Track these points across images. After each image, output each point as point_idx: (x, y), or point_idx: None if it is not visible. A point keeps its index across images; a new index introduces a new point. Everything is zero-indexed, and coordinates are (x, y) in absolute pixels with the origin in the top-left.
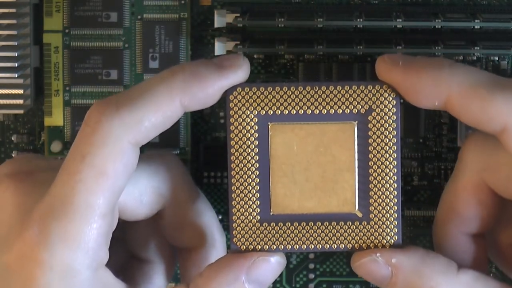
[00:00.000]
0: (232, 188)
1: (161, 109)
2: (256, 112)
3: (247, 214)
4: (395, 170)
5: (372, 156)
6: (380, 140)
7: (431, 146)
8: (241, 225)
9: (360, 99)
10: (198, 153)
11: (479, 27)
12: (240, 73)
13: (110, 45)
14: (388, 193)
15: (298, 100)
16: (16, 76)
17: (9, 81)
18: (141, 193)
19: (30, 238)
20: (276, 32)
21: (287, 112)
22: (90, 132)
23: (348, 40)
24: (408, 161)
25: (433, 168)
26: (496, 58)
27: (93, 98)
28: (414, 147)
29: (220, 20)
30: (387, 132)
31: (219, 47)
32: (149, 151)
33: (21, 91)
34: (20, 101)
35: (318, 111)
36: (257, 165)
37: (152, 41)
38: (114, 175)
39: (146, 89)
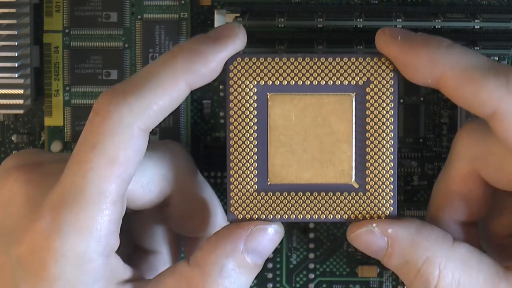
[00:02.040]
0: (230, 157)
1: (167, 92)
2: (256, 82)
3: (245, 183)
4: (392, 142)
5: (369, 127)
6: (377, 112)
7: (431, 146)
8: (238, 194)
9: (358, 71)
10: (198, 153)
11: (479, 27)
12: (238, 41)
13: (110, 45)
14: (384, 164)
15: (298, 71)
16: (16, 76)
17: (9, 81)
18: (149, 181)
19: (42, 228)
20: (276, 32)
21: (286, 82)
22: (99, 121)
23: (348, 40)
24: (408, 161)
25: (433, 168)
26: (496, 58)
27: (93, 98)
28: (414, 147)
29: (220, 20)
30: (385, 104)
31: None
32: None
33: (21, 91)
34: (20, 101)
35: (317, 82)
36: (256, 135)
37: (152, 41)
38: (125, 162)
39: (150, 74)
